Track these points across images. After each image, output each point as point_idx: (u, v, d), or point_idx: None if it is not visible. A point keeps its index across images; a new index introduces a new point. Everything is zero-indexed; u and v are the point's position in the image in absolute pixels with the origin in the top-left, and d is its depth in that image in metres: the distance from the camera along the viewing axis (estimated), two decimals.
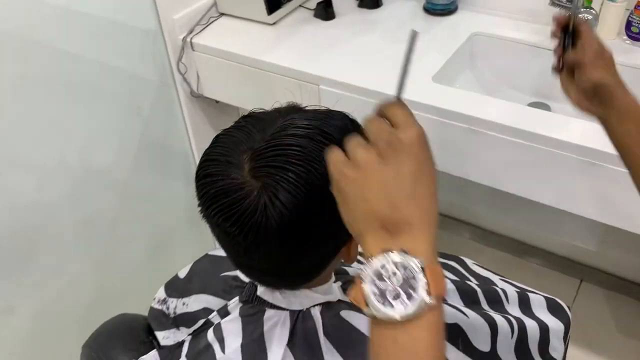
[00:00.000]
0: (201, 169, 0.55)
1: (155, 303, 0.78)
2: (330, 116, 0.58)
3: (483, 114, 1.08)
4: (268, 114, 0.59)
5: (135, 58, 1.40)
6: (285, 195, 0.51)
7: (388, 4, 1.47)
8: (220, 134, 0.57)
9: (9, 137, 1.18)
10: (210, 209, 0.53)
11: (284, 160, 0.52)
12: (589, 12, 1.15)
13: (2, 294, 1.30)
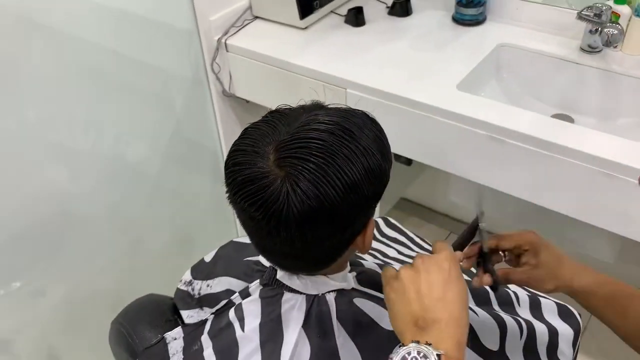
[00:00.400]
0: (230, 158, 0.59)
1: (181, 284, 0.83)
2: (351, 114, 0.62)
3: (505, 122, 1.11)
4: (293, 110, 0.63)
5: (171, 56, 1.46)
6: (306, 184, 0.55)
7: (418, 12, 1.51)
8: (249, 126, 0.62)
9: (48, 127, 1.24)
10: (237, 195, 0.57)
11: (306, 152, 0.56)
12: (614, 28, 1.16)
13: (35, 277, 1.36)
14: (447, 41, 1.39)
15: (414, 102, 1.19)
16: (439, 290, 0.57)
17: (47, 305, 1.42)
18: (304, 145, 0.56)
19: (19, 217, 1.26)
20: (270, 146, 0.58)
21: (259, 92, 1.51)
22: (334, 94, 1.31)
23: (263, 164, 0.57)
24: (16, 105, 1.17)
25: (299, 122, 0.59)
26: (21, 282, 1.37)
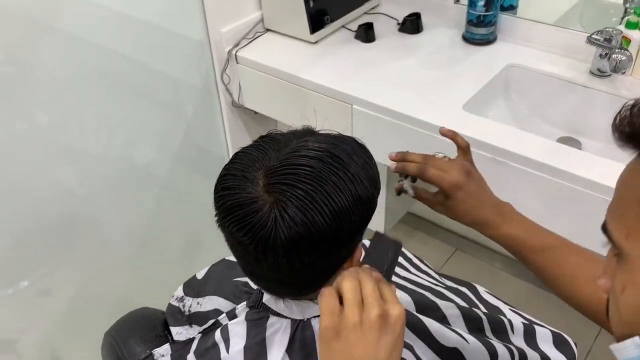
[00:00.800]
0: (220, 182, 0.60)
1: (173, 300, 0.84)
2: (341, 140, 0.63)
3: (510, 145, 1.10)
4: (284, 135, 0.64)
5: (183, 65, 1.48)
6: (294, 211, 0.56)
7: (428, 29, 1.51)
8: (239, 151, 0.63)
9: (60, 130, 1.27)
10: (226, 219, 0.58)
11: (295, 178, 0.57)
12: (623, 54, 1.15)
13: (42, 276, 1.39)
14: (457, 60, 1.38)
15: (419, 121, 1.20)
16: (387, 353, 0.54)
17: (52, 306, 1.45)
18: (293, 172, 0.57)
19: (29, 218, 1.29)
20: (259, 171, 0.58)
21: (267, 104, 1.52)
22: (341, 109, 1.31)
23: (252, 189, 0.57)
24: (29, 107, 1.19)
25: (289, 147, 0.60)
26: (29, 281, 1.39)
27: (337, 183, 0.58)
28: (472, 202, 0.73)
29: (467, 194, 0.73)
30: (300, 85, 1.37)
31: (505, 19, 1.42)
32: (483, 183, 0.76)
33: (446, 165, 0.74)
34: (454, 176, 0.73)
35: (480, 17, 1.38)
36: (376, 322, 0.53)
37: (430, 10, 1.53)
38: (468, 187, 0.73)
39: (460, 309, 0.85)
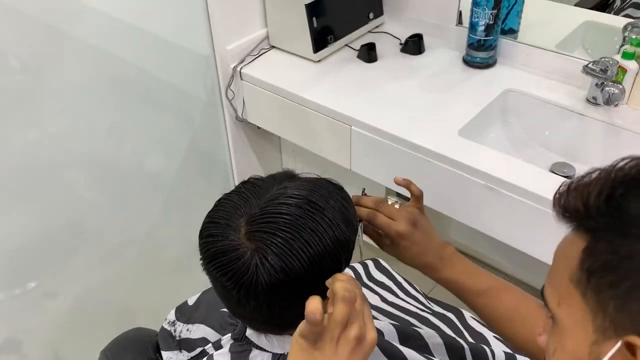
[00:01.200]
0: (204, 229, 0.64)
1: (165, 324, 0.88)
2: (318, 185, 0.66)
3: (502, 173, 1.13)
4: (264, 181, 0.67)
5: (190, 78, 1.52)
6: (274, 258, 0.59)
7: (430, 50, 1.53)
8: (222, 198, 0.66)
9: (71, 137, 1.31)
10: (211, 264, 0.62)
11: (274, 226, 0.60)
12: (616, 87, 1.17)
13: (49, 279, 1.44)
14: (456, 83, 1.41)
15: (414, 145, 1.22)
16: None
17: (58, 308, 1.50)
18: (272, 220, 0.60)
19: (38, 222, 1.34)
20: (241, 219, 0.62)
21: (269, 120, 1.55)
22: (340, 130, 1.34)
23: (234, 237, 0.61)
24: (41, 115, 1.24)
25: (269, 194, 0.63)
26: (36, 283, 1.44)
27: (314, 229, 0.61)
28: (415, 249, 0.77)
29: (412, 242, 0.77)
30: (301, 104, 1.40)
31: (505, 43, 1.44)
32: (429, 230, 0.79)
33: (395, 214, 0.78)
34: (401, 226, 0.76)
35: (481, 41, 1.40)
36: (352, 341, 0.57)
37: (432, 31, 1.55)
38: (413, 237, 0.77)
39: (443, 339, 0.88)
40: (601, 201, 0.44)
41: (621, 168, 0.46)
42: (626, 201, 0.43)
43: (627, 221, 0.42)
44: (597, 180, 0.45)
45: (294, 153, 1.77)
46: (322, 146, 1.44)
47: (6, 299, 1.38)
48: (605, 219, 0.44)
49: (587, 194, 0.45)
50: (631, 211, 0.42)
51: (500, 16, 1.38)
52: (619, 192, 0.44)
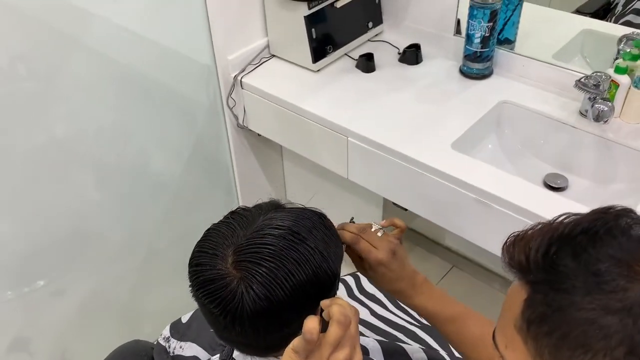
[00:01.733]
0: (193, 258, 0.68)
1: (161, 339, 0.92)
2: (302, 216, 0.70)
3: (492, 188, 1.15)
4: (250, 211, 0.71)
5: (193, 86, 1.55)
6: (258, 287, 0.63)
7: (428, 60, 1.55)
8: (211, 228, 0.70)
9: (78, 141, 1.35)
10: (199, 292, 0.66)
11: (259, 257, 0.64)
12: (605, 104, 1.19)
13: (57, 278, 1.49)
14: (451, 94, 1.43)
15: (407, 157, 1.25)
16: None
17: (65, 307, 1.55)
18: (258, 251, 0.64)
19: (47, 222, 1.38)
20: (229, 249, 0.66)
21: (269, 129, 1.59)
22: (337, 141, 1.37)
23: (222, 266, 0.65)
24: (48, 120, 1.28)
25: (255, 225, 0.67)
26: (45, 281, 1.50)
27: (297, 259, 0.65)
28: (391, 275, 0.82)
29: (388, 270, 0.81)
30: (299, 114, 1.43)
31: (501, 53, 1.46)
32: (405, 260, 0.84)
33: (377, 242, 0.82)
34: (380, 254, 0.81)
35: (477, 53, 1.42)
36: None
37: (430, 40, 1.57)
38: (390, 265, 0.81)
39: (427, 354, 0.92)
40: (539, 257, 0.47)
41: (558, 225, 0.49)
42: (559, 258, 0.46)
43: (559, 277, 0.46)
44: (539, 234, 0.49)
45: (295, 160, 1.80)
46: (320, 155, 1.47)
47: (15, 297, 1.44)
48: (542, 274, 0.47)
49: (529, 249, 0.48)
50: (561, 268, 0.46)
51: (497, 28, 1.40)
52: (553, 249, 0.47)
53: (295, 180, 1.90)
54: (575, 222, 0.48)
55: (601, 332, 0.43)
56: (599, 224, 0.47)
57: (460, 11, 1.49)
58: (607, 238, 0.46)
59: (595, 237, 0.46)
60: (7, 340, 1.47)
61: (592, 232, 0.47)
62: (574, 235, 0.47)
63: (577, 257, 0.46)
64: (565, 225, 0.48)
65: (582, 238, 0.47)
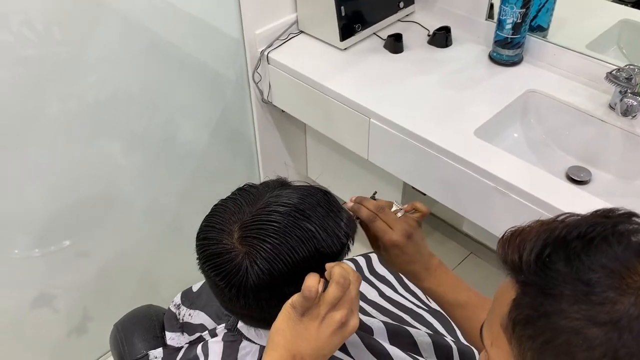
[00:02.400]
0: (201, 232, 0.70)
1: (172, 305, 0.95)
2: (308, 193, 0.71)
3: (511, 178, 1.14)
4: (257, 188, 0.72)
5: (220, 58, 1.56)
6: (262, 262, 0.65)
7: (458, 44, 1.53)
8: (219, 203, 0.71)
9: (108, 107, 1.38)
10: (206, 265, 0.68)
11: (264, 233, 0.65)
12: (635, 99, 1.16)
13: (83, 240, 1.53)
14: (479, 80, 1.41)
15: (429, 142, 1.24)
16: (327, 349, 0.64)
17: (88, 267, 1.60)
18: (263, 227, 0.66)
19: (77, 185, 1.42)
20: (235, 225, 0.67)
21: (293, 105, 1.59)
22: (359, 121, 1.37)
23: (228, 241, 0.66)
24: (80, 86, 1.31)
25: (261, 202, 0.68)
26: (70, 242, 1.55)
27: (300, 237, 0.66)
28: (404, 258, 0.81)
29: (402, 252, 0.80)
30: (323, 92, 1.43)
31: (533, 41, 1.43)
32: (420, 244, 0.82)
33: (393, 222, 0.81)
34: (395, 236, 0.79)
35: (508, 39, 1.39)
36: (336, 323, 0.63)
37: (461, 23, 1.54)
38: (404, 248, 0.80)
39: (432, 337, 0.93)
40: (532, 258, 0.46)
41: (556, 226, 0.47)
42: (551, 262, 0.45)
43: (549, 281, 0.45)
44: (536, 234, 0.48)
45: (318, 137, 1.81)
46: (342, 135, 1.47)
47: (42, 255, 1.49)
48: (533, 276, 0.46)
49: (523, 248, 0.47)
50: (552, 273, 0.45)
51: (530, 14, 1.36)
52: (547, 251, 0.46)
53: (317, 158, 1.91)
54: (573, 225, 0.47)
55: (585, 342, 0.42)
56: (597, 230, 0.45)
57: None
58: (602, 245, 0.45)
59: (591, 244, 0.45)
60: (32, 295, 1.53)
61: (588, 238, 0.45)
62: (569, 240, 0.46)
63: (569, 263, 0.45)
64: (563, 227, 0.47)
65: (577, 243, 0.45)
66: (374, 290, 1.05)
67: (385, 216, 0.82)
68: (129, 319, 0.94)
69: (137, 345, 0.88)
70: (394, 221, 0.81)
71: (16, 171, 1.30)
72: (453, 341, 0.96)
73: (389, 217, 0.82)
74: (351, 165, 1.74)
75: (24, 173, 1.31)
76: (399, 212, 0.84)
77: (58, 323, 1.62)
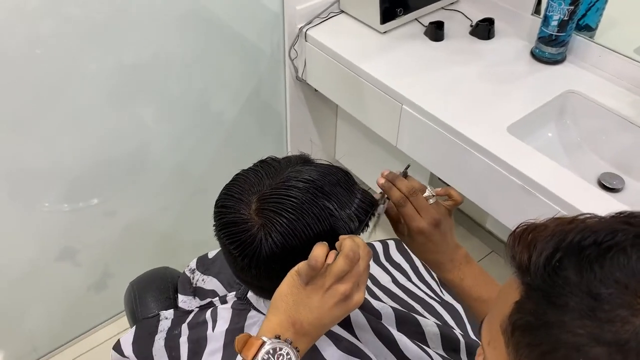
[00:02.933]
0: (220, 200, 0.70)
1: (187, 270, 0.96)
2: (328, 171, 0.70)
3: (540, 178, 1.12)
4: (279, 162, 0.72)
5: (258, 31, 1.56)
6: (276, 235, 0.65)
7: (500, 37, 1.50)
8: (240, 173, 0.72)
9: (146, 70, 1.39)
10: (221, 232, 0.68)
11: (281, 207, 0.65)
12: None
13: (110, 199, 1.57)
14: (518, 76, 1.38)
15: (460, 134, 1.23)
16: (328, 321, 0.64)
17: (113, 226, 1.64)
18: (280, 201, 0.66)
19: (109, 145, 1.45)
20: (254, 196, 0.67)
21: (327, 85, 1.58)
22: (391, 107, 1.36)
23: (245, 211, 0.67)
24: (119, 46, 1.32)
25: (281, 176, 0.68)
26: (99, 200, 1.58)
27: (317, 214, 0.66)
28: (429, 246, 0.77)
29: (428, 240, 0.77)
30: (358, 74, 1.42)
31: (579, 40, 1.39)
32: (447, 233, 0.79)
33: (423, 209, 0.77)
34: (422, 223, 0.76)
35: (552, 36, 1.35)
36: (339, 295, 0.62)
37: (506, 16, 1.51)
38: (431, 236, 0.76)
39: (440, 329, 0.92)
40: (541, 261, 0.43)
41: (572, 228, 0.43)
42: (561, 268, 0.42)
43: (556, 289, 0.41)
44: (550, 234, 0.44)
45: (349, 119, 1.80)
46: (372, 119, 1.46)
47: (70, 210, 1.53)
48: (539, 280, 0.43)
49: (534, 248, 0.44)
50: (560, 280, 0.41)
51: (578, 12, 1.32)
52: (557, 256, 0.42)
53: (345, 140, 1.90)
54: (590, 229, 0.42)
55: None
56: (616, 239, 0.41)
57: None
58: (619, 257, 0.40)
59: (606, 254, 0.41)
60: (57, 248, 1.57)
61: (604, 247, 0.41)
62: (584, 246, 0.41)
63: (580, 272, 0.41)
64: (579, 230, 0.42)
65: (592, 251, 0.41)
66: (387, 276, 1.04)
67: (417, 201, 0.77)
68: (144, 279, 0.96)
69: (149, 305, 0.90)
70: (424, 208, 0.77)
71: (53, 125, 1.33)
72: (462, 335, 0.95)
73: (421, 202, 0.77)
74: (379, 151, 1.73)
75: (60, 128, 1.34)
76: (431, 198, 0.79)
77: (79, 277, 1.67)
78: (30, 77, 1.22)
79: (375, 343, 0.82)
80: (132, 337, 0.87)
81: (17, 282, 1.54)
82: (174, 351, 0.83)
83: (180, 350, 0.82)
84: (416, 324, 0.91)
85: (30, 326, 1.67)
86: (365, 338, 0.82)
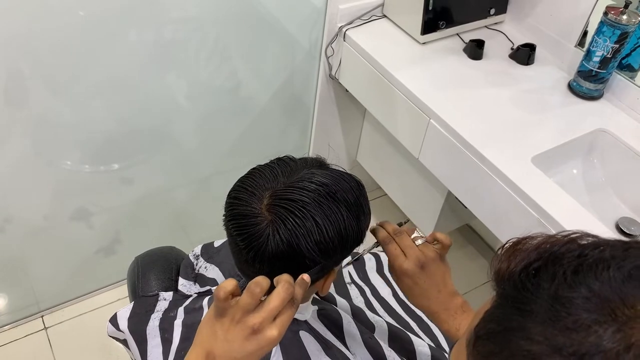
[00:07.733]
0: (233, 191, 0.71)
1: (191, 255, 0.97)
2: (342, 177, 0.70)
3: (557, 214, 1.11)
4: (296, 162, 0.72)
5: (299, 24, 1.56)
6: (285, 232, 0.65)
7: (539, 64, 1.48)
8: (256, 168, 0.72)
9: (180, 48, 1.41)
10: (230, 223, 0.69)
11: (292, 205, 0.66)
12: None
13: (131, 168, 1.59)
14: (551, 107, 1.36)
15: (483, 157, 1.22)
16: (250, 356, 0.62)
17: (129, 194, 1.66)
18: (292, 199, 0.66)
19: (135, 115, 1.47)
20: (267, 192, 0.68)
21: (358, 87, 1.58)
22: (418, 119, 1.35)
23: (256, 206, 0.67)
24: (155, 22, 1.33)
25: (296, 176, 0.69)
26: (119, 166, 1.61)
27: (327, 217, 0.66)
28: (417, 290, 0.76)
29: (414, 283, 0.75)
30: (391, 82, 1.41)
31: (619, 79, 1.36)
32: (438, 278, 0.77)
33: (408, 250, 0.76)
34: (405, 264, 0.76)
35: (592, 72, 1.33)
36: (248, 328, 0.61)
37: (548, 44, 1.49)
38: (416, 278, 0.75)
39: (432, 350, 0.92)
40: (517, 269, 0.40)
41: (558, 241, 0.41)
42: (536, 276, 0.39)
43: (525, 295, 0.39)
44: (534, 247, 0.41)
45: (375, 124, 1.79)
46: (398, 128, 1.46)
47: (91, 172, 1.55)
48: (511, 289, 0.40)
49: (514, 259, 0.41)
50: (532, 287, 0.39)
51: (622, 51, 1.30)
52: (536, 264, 0.40)
53: (369, 144, 1.90)
54: (578, 244, 0.40)
55: None
56: (604, 254, 0.38)
57: (591, 23, 1.39)
58: (599, 267, 0.37)
59: (585, 263, 0.38)
60: (72, 208, 1.60)
61: (589, 260, 0.38)
62: (566, 258, 0.39)
63: (553, 279, 0.38)
64: (565, 242, 0.40)
65: (572, 261, 0.38)
66: (388, 289, 1.04)
67: (401, 241, 0.77)
68: (149, 256, 0.97)
69: (151, 282, 0.92)
70: (409, 248, 0.77)
71: (87, 88, 1.35)
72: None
73: (405, 242, 0.77)
74: (400, 159, 1.72)
75: (93, 91, 1.36)
76: (419, 239, 0.79)
77: (90, 239, 1.70)
78: (72, 37, 1.24)
79: (364, 355, 0.83)
80: (129, 312, 0.89)
81: (30, 236, 1.57)
82: (167, 333, 0.84)
83: (174, 332, 0.84)
84: (408, 342, 0.91)
85: (36, 280, 1.71)
86: (354, 347, 0.83)
